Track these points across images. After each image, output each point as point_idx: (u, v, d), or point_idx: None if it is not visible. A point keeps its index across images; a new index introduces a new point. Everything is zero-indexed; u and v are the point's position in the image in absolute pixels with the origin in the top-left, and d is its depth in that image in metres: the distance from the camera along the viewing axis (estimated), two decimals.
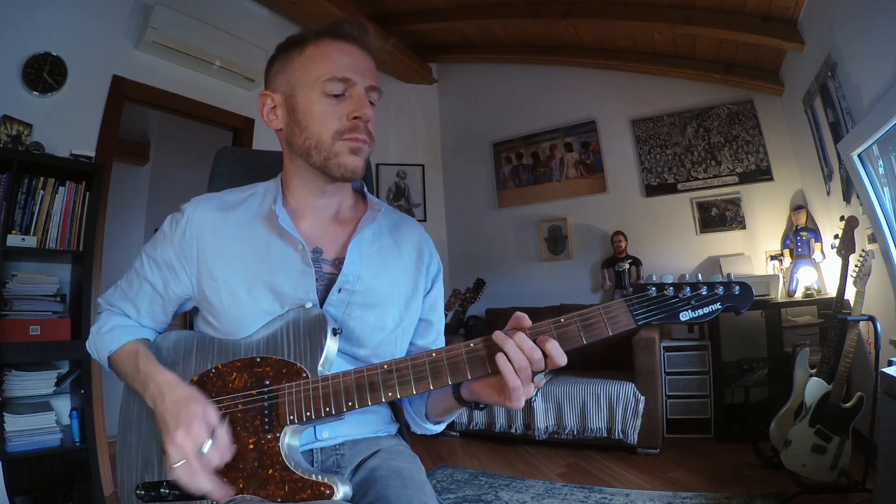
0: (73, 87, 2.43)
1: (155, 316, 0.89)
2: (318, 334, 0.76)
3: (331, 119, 0.80)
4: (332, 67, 0.80)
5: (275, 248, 0.83)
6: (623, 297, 0.70)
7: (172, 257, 0.84)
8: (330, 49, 0.81)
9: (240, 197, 0.89)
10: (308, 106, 0.81)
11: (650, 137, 3.88)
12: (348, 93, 0.81)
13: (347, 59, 0.81)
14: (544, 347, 0.67)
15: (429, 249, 0.97)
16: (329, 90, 0.80)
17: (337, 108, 0.80)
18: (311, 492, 0.69)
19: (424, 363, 0.71)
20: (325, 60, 0.81)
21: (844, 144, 2.34)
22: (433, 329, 0.96)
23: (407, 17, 3.88)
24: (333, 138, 0.80)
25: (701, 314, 0.69)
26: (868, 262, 2.07)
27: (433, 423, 0.91)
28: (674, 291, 0.69)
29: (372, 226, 0.88)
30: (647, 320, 0.68)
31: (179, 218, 0.85)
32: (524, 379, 0.67)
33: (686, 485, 2.38)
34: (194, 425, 0.70)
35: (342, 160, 0.81)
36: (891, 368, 1.71)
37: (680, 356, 3.19)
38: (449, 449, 3.24)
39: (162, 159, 4.23)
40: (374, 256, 0.88)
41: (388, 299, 0.87)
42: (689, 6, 2.97)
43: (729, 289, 0.69)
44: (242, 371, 0.77)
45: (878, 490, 1.70)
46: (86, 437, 2.16)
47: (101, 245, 2.50)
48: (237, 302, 0.81)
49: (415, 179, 4.64)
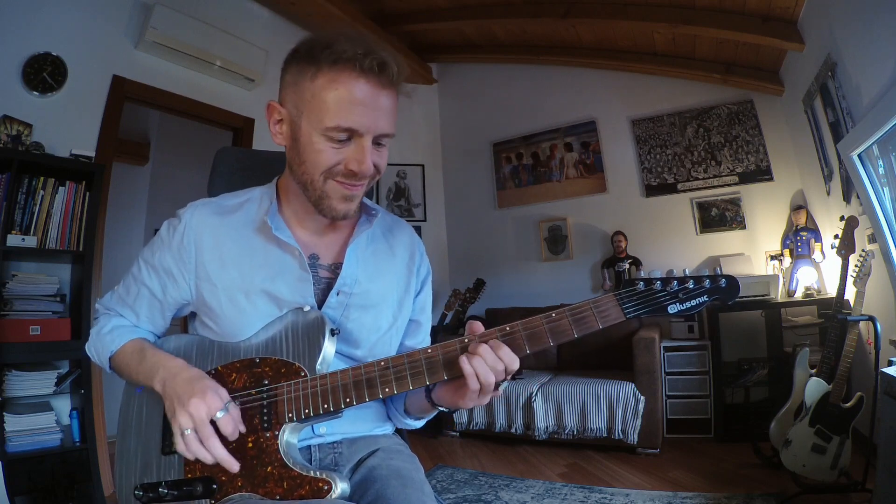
0: (73, 87, 2.43)
1: (154, 320, 0.89)
2: (316, 335, 0.77)
3: (328, 161, 0.76)
4: (339, 116, 0.73)
5: (272, 255, 0.84)
6: (613, 293, 0.73)
7: (171, 263, 0.84)
8: (341, 90, 0.73)
9: (236, 202, 0.89)
10: (309, 141, 0.76)
11: (650, 137, 3.88)
12: (354, 140, 0.76)
13: (358, 107, 0.73)
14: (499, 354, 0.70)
15: (420, 252, 0.99)
16: (334, 136, 0.74)
17: (338, 153, 0.76)
18: (310, 488, 0.70)
19: (420, 360, 0.72)
20: (335, 103, 0.73)
21: (844, 144, 2.34)
22: (421, 329, 0.99)
23: (407, 17, 3.88)
24: (325, 176, 0.77)
25: (689, 306, 0.72)
26: (868, 262, 2.06)
27: (413, 419, 0.93)
28: (661, 285, 0.72)
29: (367, 229, 0.89)
30: (636, 313, 0.71)
31: (177, 224, 0.85)
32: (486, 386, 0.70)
33: (686, 485, 2.38)
34: (208, 394, 0.71)
35: (333, 204, 0.79)
36: (891, 368, 1.71)
37: (680, 356, 3.18)
38: (449, 449, 3.24)
39: (162, 159, 4.23)
40: (370, 259, 0.90)
41: (383, 301, 0.89)
42: (689, 6, 2.97)
43: (715, 282, 0.72)
44: (242, 372, 0.78)
45: (878, 490, 1.69)
46: (86, 437, 2.16)
47: (101, 245, 2.50)
48: (237, 306, 0.81)
49: (415, 179, 4.64)
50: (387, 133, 0.79)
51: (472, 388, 0.69)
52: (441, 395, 0.81)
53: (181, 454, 0.71)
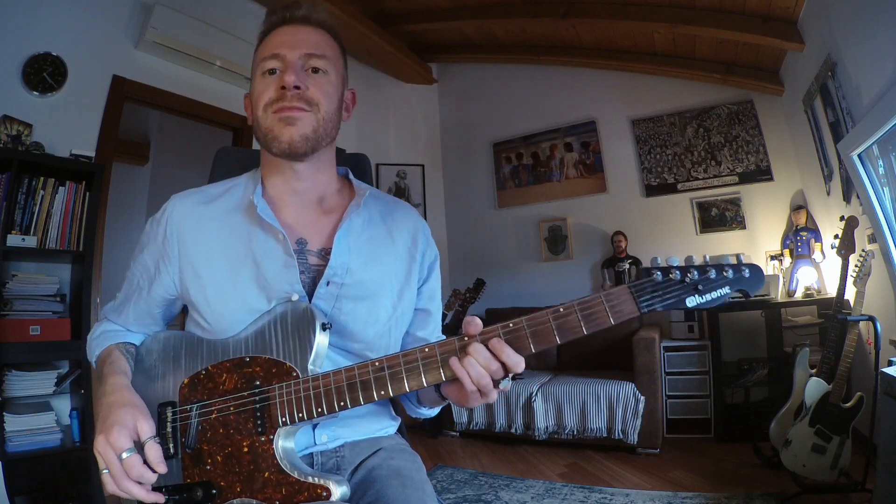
0: (73, 87, 2.43)
1: (142, 321, 0.88)
2: (306, 330, 0.74)
3: (264, 94, 0.80)
4: (266, 48, 0.82)
5: (256, 239, 0.81)
6: (627, 284, 0.65)
7: (156, 257, 0.84)
8: (270, 34, 0.84)
9: (221, 189, 0.87)
10: (253, 90, 0.83)
11: (650, 137, 3.88)
12: (282, 67, 0.80)
13: (281, 37, 0.82)
14: (500, 357, 0.65)
15: (424, 236, 0.93)
16: (265, 68, 0.81)
17: (271, 82, 0.80)
18: (308, 494, 0.68)
19: (417, 359, 0.68)
20: (263, 45, 0.84)
21: (844, 144, 2.34)
22: (431, 319, 0.93)
23: (407, 17, 3.89)
24: (265, 111, 0.80)
25: (709, 299, 0.64)
26: (868, 262, 2.07)
27: (427, 409, 0.90)
28: (680, 275, 0.64)
29: (361, 214, 0.86)
30: (653, 307, 0.63)
31: (159, 217, 0.84)
32: (484, 387, 0.66)
33: (686, 485, 2.38)
34: (114, 431, 0.67)
35: (276, 133, 0.79)
36: (891, 368, 1.71)
37: (680, 356, 3.18)
38: (449, 449, 3.24)
39: (162, 159, 4.24)
40: (365, 246, 0.85)
41: (380, 290, 0.84)
42: (689, 6, 2.97)
43: (738, 271, 0.65)
44: (232, 372, 0.75)
45: (878, 490, 1.69)
46: (86, 437, 2.16)
47: (101, 245, 2.50)
48: (223, 298, 0.79)
49: (415, 179, 4.64)
50: (313, 52, 0.81)
51: (467, 389, 0.66)
52: (448, 391, 0.77)
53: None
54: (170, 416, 0.75)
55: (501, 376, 0.66)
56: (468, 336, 0.67)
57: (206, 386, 0.76)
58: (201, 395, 0.75)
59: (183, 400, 0.76)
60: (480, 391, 0.66)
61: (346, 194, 0.91)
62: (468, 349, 0.65)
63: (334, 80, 0.83)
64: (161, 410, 0.75)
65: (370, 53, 4.09)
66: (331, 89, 0.82)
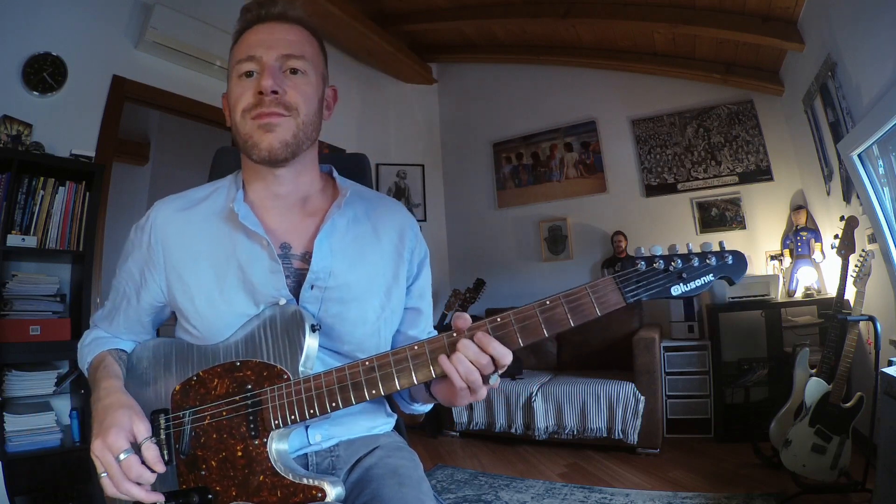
0: (73, 87, 2.43)
1: (132, 328, 0.88)
2: (296, 333, 0.73)
3: (241, 99, 0.77)
4: (242, 48, 0.80)
5: (240, 245, 0.80)
6: (611, 275, 0.66)
7: (141, 265, 0.83)
8: (246, 33, 0.81)
9: (203, 193, 0.86)
10: (231, 92, 0.80)
11: (650, 137, 3.88)
12: (258, 69, 0.78)
13: (257, 35, 0.79)
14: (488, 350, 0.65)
15: (412, 233, 0.91)
16: (241, 71, 0.78)
17: (248, 85, 0.77)
18: (304, 496, 0.68)
19: (407, 357, 0.68)
20: (238, 45, 0.81)
21: (844, 144, 2.34)
22: (422, 317, 0.92)
23: (407, 17, 3.89)
24: (243, 117, 0.77)
25: (693, 287, 0.65)
26: (868, 262, 2.07)
27: (419, 405, 0.90)
28: (664, 264, 0.65)
29: (345, 213, 0.84)
30: (638, 296, 0.64)
31: (143, 224, 0.84)
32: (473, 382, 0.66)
33: (686, 485, 2.38)
34: (111, 433, 0.67)
35: (255, 140, 0.77)
36: (891, 368, 1.71)
37: (680, 356, 3.18)
38: (449, 449, 3.24)
39: (162, 159, 4.24)
40: (349, 247, 0.83)
41: (367, 291, 0.83)
42: (689, 6, 2.97)
43: (721, 258, 0.66)
44: (223, 377, 0.75)
45: (878, 490, 1.69)
46: (86, 438, 2.16)
47: (101, 245, 2.50)
48: (211, 304, 0.78)
49: (415, 179, 4.64)
50: (291, 53, 0.79)
51: (456, 386, 0.66)
52: (437, 390, 0.77)
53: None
54: (163, 422, 0.75)
55: (491, 371, 0.66)
56: (457, 331, 0.67)
57: (198, 391, 0.75)
58: (193, 401, 0.75)
59: (175, 406, 0.76)
60: (469, 388, 0.66)
61: (331, 193, 0.89)
62: (457, 345, 0.66)
63: (314, 80, 0.81)
64: (154, 417, 0.75)
65: (370, 53, 4.09)
66: (310, 90, 0.80)
